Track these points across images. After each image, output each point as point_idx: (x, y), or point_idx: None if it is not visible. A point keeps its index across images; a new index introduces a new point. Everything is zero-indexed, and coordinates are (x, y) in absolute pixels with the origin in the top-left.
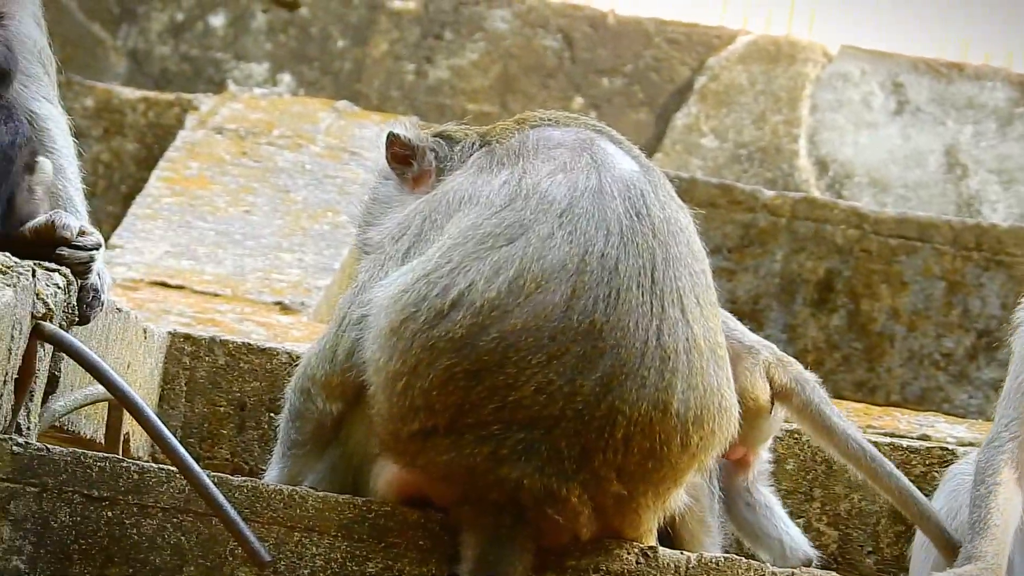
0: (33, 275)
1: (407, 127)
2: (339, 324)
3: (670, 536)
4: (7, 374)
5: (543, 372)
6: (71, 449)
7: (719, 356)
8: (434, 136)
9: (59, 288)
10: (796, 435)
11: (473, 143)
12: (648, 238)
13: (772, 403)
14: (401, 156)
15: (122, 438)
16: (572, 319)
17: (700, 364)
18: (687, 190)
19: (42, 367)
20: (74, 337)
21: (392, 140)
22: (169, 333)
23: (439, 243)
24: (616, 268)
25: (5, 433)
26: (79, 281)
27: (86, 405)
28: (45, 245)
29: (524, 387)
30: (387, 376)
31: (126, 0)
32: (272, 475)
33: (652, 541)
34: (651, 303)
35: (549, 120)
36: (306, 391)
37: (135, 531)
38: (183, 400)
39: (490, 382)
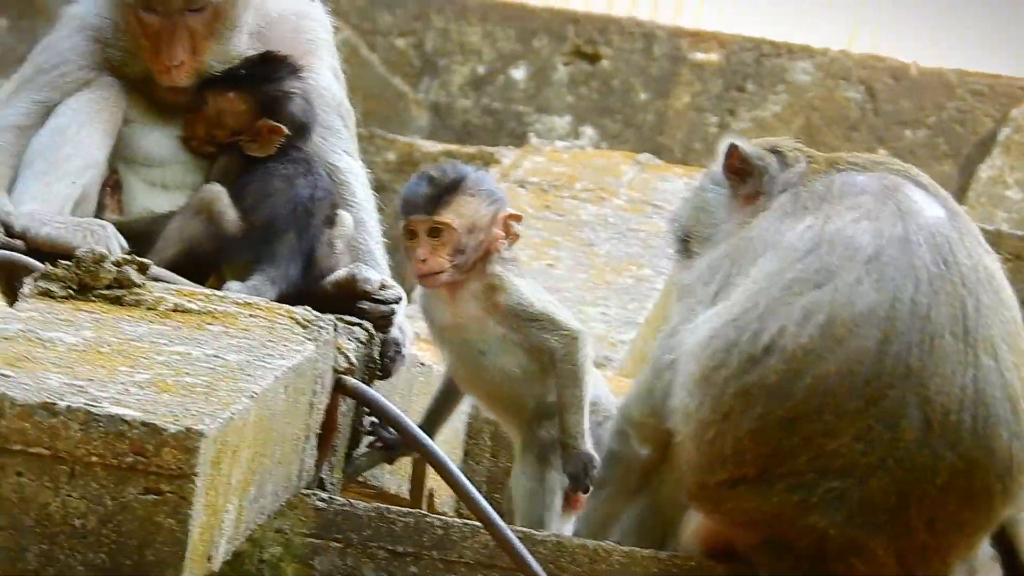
0: (335, 329)
1: (749, 142)
2: (654, 367)
3: None
4: (310, 429)
5: (862, 418)
6: (375, 504)
7: None
8: (770, 152)
9: (361, 342)
10: None
11: (800, 173)
12: (957, 286)
13: None
14: (737, 170)
15: (426, 493)
16: (886, 364)
17: (1018, 411)
18: (993, 243)
19: (345, 422)
20: (376, 391)
21: (732, 152)
22: None
23: (743, 287)
24: (928, 316)
25: (308, 488)
26: (381, 335)
27: None
28: (346, 299)
29: (842, 435)
30: (697, 424)
31: (428, 54)
32: (584, 518)
33: None
34: (965, 351)
35: (857, 164)
36: (622, 433)
37: None
38: (488, 455)
39: (806, 430)
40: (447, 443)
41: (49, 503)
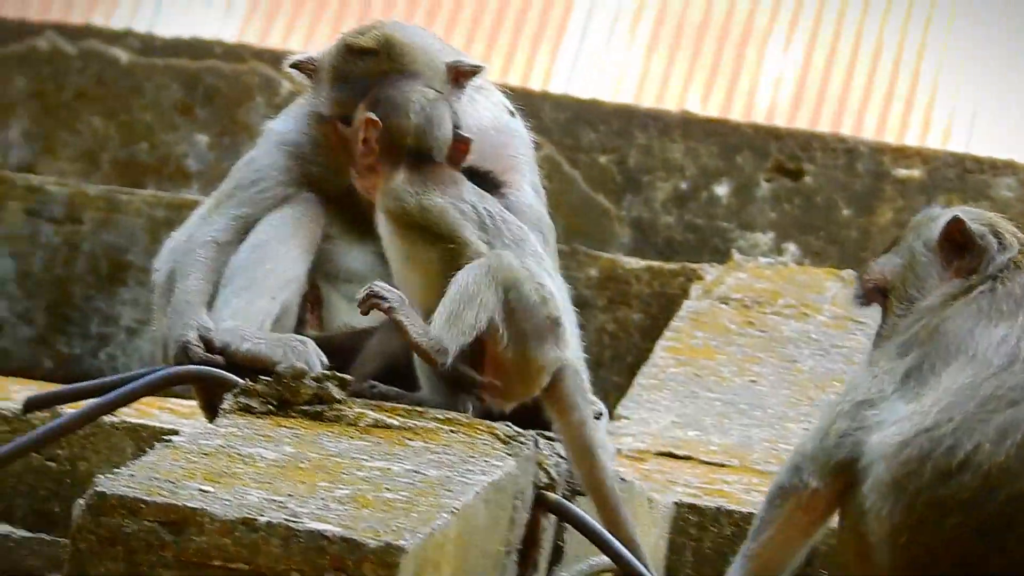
0: (535, 444)
1: (973, 216)
2: (832, 410)
3: None
4: (510, 544)
5: None
6: None
7: None
8: (991, 231)
9: (561, 458)
10: None
11: (1004, 263)
12: None
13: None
14: (956, 243)
15: None
16: None
17: None
18: None
19: (546, 537)
20: (577, 507)
21: (956, 224)
22: (675, 503)
23: (935, 394)
24: None
25: None
26: None
27: None
28: None
29: None
30: (890, 528)
31: (630, 170)
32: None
33: None
34: None
35: None
36: (794, 467)
37: None
38: (689, 571)
39: (997, 541)
40: (648, 559)
41: None
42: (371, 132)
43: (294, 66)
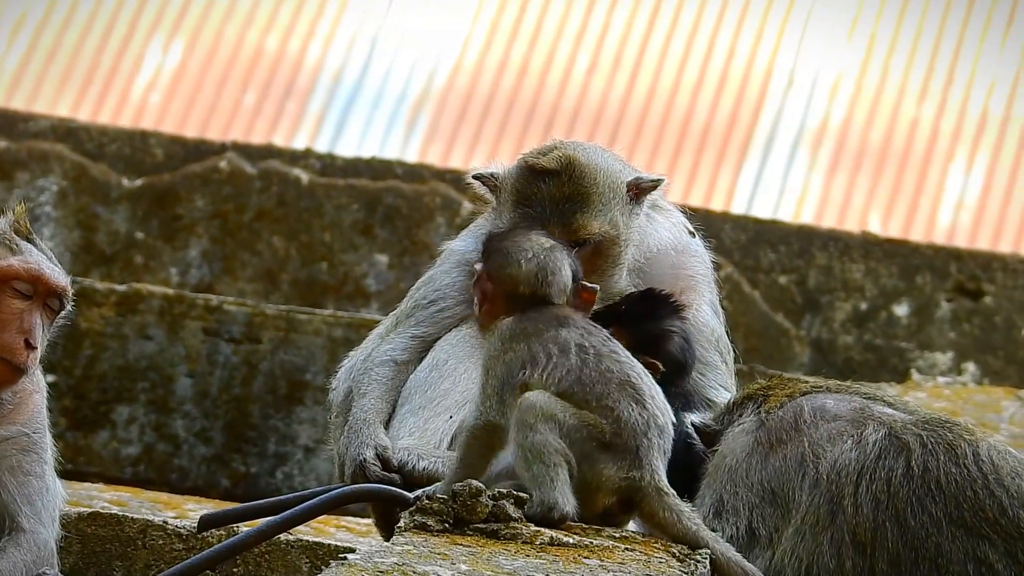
0: (711, 563)
1: None
2: None
3: None
4: None
5: None
6: None
7: None
8: None
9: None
10: None
11: None
12: None
13: None
14: None
15: None
16: None
17: None
18: None
19: None
20: None
21: None
22: None
23: None
24: None
25: None
26: None
27: None
28: None
29: None
30: None
31: (810, 291)
32: None
33: None
34: None
35: None
36: None
37: None
38: None
39: None
40: None
41: None
42: (486, 284)
43: (477, 177)
